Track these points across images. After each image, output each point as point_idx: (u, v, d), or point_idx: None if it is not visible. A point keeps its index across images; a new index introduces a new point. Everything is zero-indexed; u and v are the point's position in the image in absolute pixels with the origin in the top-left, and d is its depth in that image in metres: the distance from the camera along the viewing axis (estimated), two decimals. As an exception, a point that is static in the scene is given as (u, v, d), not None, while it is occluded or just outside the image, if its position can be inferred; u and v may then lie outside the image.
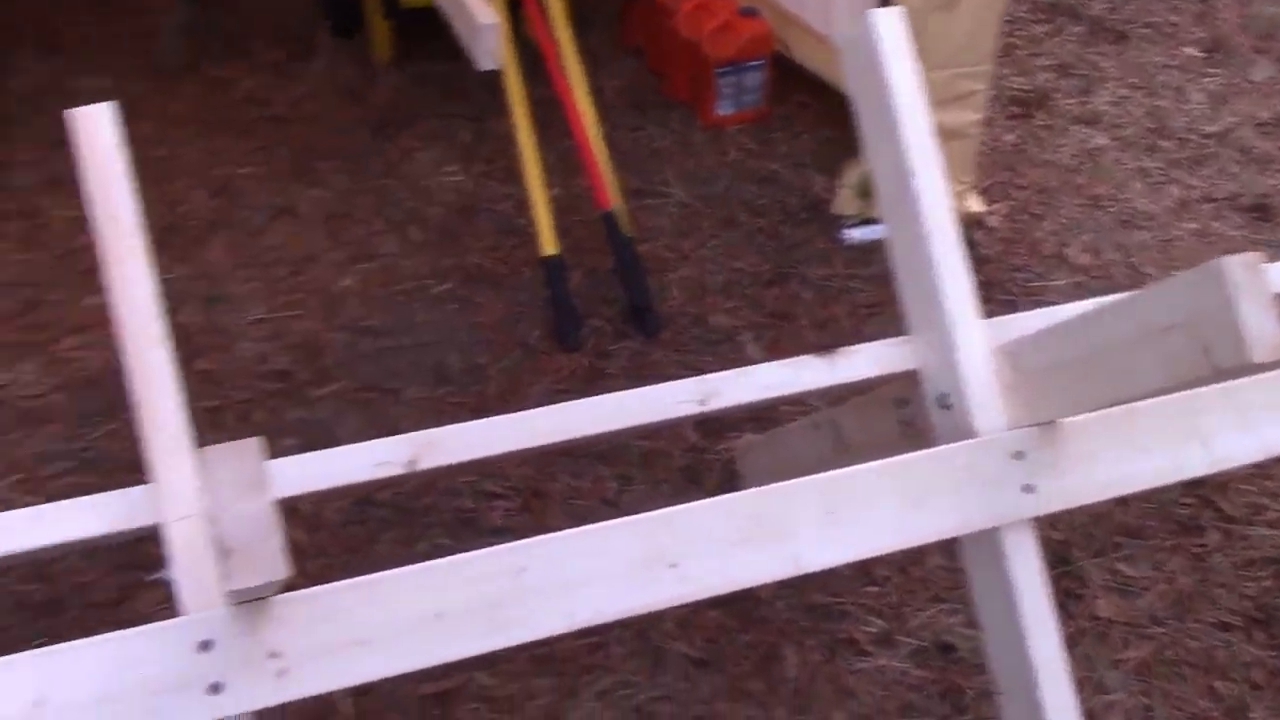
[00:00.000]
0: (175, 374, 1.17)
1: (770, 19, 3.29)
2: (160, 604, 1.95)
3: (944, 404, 1.37)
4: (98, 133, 1.20)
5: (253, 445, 0.79)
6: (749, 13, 3.28)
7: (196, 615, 1.09)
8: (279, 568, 0.78)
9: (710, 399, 1.38)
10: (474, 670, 1.85)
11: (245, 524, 0.78)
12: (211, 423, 2.28)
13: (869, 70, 1.40)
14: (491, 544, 2.06)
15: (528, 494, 2.16)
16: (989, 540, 1.30)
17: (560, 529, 2.09)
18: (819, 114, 3.30)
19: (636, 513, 2.14)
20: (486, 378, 2.44)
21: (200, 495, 1.14)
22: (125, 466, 2.21)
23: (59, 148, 3.12)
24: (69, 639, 1.90)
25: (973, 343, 1.35)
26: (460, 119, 3.31)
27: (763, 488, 1.24)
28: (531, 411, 1.29)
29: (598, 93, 2.91)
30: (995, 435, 1.30)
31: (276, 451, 2.30)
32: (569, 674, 1.87)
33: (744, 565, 1.21)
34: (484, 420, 1.27)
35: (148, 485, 1.17)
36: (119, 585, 1.98)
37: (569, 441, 1.31)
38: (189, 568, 1.12)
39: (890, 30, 1.39)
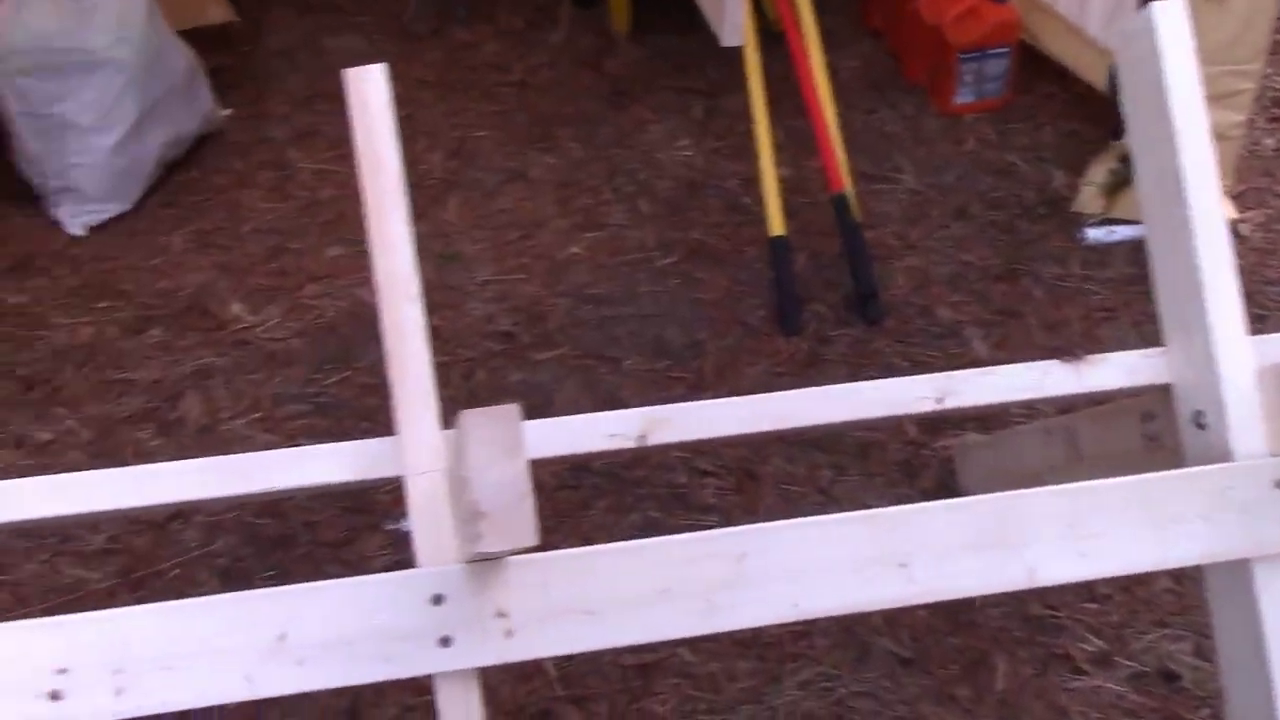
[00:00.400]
0: (426, 331, 1.20)
1: (1019, 6, 3.17)
2: (382, 548, 2.04)
3: (1199, 423, 1.29)
4: (370, 91, 1.24)
5: (512, 411, 0.80)
6: (998, -2, 3.17)
7: (431, 569, 1.12)
8: (529, 535, 0.79)
9: (948, 397, 1.34)
10: (677, 646, 1.86)
11: (500, 488, 0.79)
12: (437, 379, 2.34)
13: (1145, 65, 1.33)
14: (702, 521, 2.08)
15: (740, 474, 2.16)
16: (1239, 572, 1.23)
17: (771, 513, 2.10)
18: (1064, 106, 3.17)
19: (849, 503, 2.12)
20: (705, 354, 2.44)
21: (442, 452, 1.17)
22: (355, 414, 2.30)
23: (310, 103, 3.30)
24: (299, 573, 2.00)
25: (1237, 360, 1.27)
26: (694, 93, 3.31)
27: (1001, 494, 1.20)
28: (766, 395, 1.27)
29: (833, 73, 2.85)
30: (1255, 460, 1.22)
31: (497, 411, 2.35)
32: (771, 659, 1.86)
33: (976, 572, 1.17)
34: (719, 401, 1.26)
35: (392, 438, 1.20)
36: (346, 526, 2.06)
37: (802, 429, 1.29)
38: (426, 522, 1.15)
39: (1172, 24, 1.31)
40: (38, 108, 2.68)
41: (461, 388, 2.36)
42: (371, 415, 2.28)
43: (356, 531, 2.05)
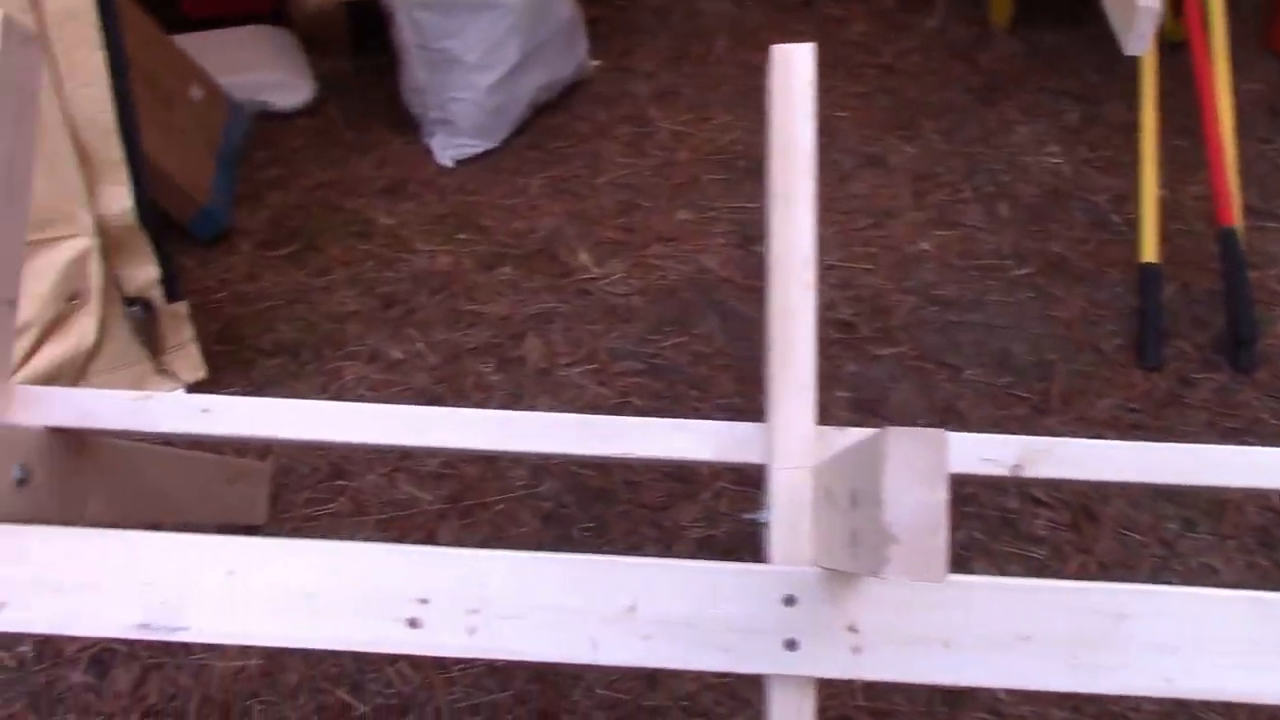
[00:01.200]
0: (816, 323, 1.16)
1: None
2: (696, 520, 2.03)
3: None
4: (795, 68, 1.21)
5: (939, 436, 0.75)
6: None
7: (787, 569, 1.09)
8: (940, 570, 0.74)
9: (1370, 479, 1.20)
10: (991, 679, 1.77)
11: (917, 516, 0.74)
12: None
13: None
14: (1029, 552, 1.98)
15: (1077, 510, 2.03)
16: None
17: (1108, 558, 1.97)
18: None
19: (1194, 561, 1.96)
20: (1053, 377, 2.30)
21: (813, 448, 1.13)
22: (687, 380, 2.30)
23: (675, 63, 3.32)
24: (616, 530, 2.02)
25: None
26: (1069, 97, 3.14)
27: None
28: (1167, 446, 1.17)
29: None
30: None
31: (826, 402, 2.30)
32: (1089, 715, 1.74)
33: (1390, 685, 1.04)
34: (1111, 443, 1.17)
35: (761, 424, 1.17)
36: (665, 492, 2.06)
37: (1198, 487, 1.18)
38: (786, 518, 1.12)
39: None
40: (430, 41, 2.79)
41: (793, 371, 2.32)
42: (702, 385, 2.27)
43: (674, 499, 2.05)
